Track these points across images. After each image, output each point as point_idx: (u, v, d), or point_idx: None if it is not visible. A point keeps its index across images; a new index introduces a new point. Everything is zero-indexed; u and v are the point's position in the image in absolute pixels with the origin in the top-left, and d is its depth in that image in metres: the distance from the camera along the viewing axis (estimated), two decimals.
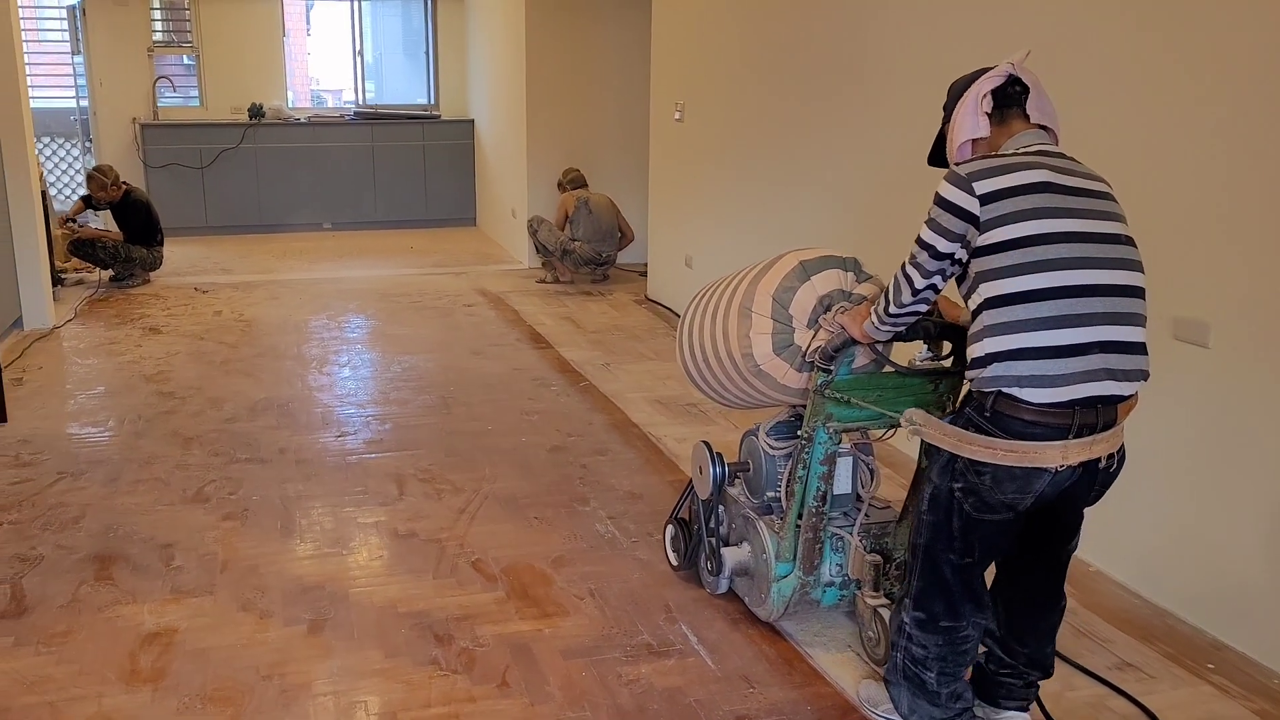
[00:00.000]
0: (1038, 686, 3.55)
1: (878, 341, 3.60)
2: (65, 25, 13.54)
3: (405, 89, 15.39)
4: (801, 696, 3.80)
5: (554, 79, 11.51)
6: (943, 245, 3.05)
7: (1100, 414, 2.97)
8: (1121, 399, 3.01)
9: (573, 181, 11.13)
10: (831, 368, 3.71)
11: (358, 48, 14.90)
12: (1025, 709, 3.54)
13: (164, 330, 8.89)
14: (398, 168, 14.42)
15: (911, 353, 3.91)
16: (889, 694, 3.55)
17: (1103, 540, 4.60)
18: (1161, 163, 4.31)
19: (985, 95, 3.18)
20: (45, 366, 7.84)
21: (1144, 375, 3.03)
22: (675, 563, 4.72)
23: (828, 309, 3.85)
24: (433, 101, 15.13)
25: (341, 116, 14.65)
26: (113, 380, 7.49)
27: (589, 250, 10.71)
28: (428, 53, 15.00)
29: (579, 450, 6.17)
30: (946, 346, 3.83)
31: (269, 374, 7.65)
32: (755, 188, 7.81)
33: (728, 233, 8.28)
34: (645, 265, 10.58)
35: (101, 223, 11.66)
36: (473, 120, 14.55)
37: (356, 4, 14.71)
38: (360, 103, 15.04)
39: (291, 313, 9.59)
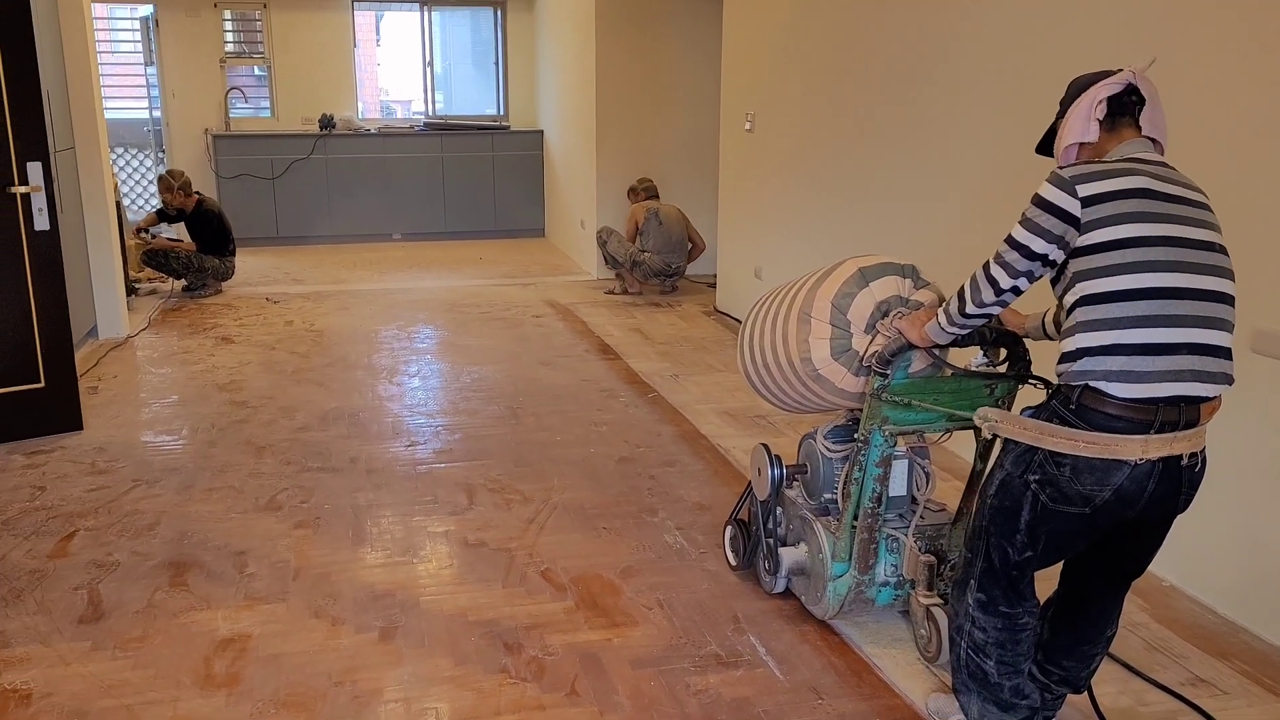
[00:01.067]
0: (1063, 701, 3.59)
1: (935, 346, 3.64)
2: (138, 36, 13.72)
3: (474, 100, 15.45)
4: (870, 708, 3.78)
5: (624, 90, 11.51)
6: (1038, 246, 3.08)
7: (1183, 413, 3.00)
8: (1205, 400, 3.03)
9: (645, 191, 11.10)
10: (888, 372, 3.77)
11: (427, 59, 14.98)
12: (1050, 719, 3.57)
13: (236, 340, 8.97)
14: (467, 178, 14.48)
15: (967, 359, 3.96)
16: (959, 703, 3.58)
17: (1178, 555, 4.53)
18: (1248, 172, 4.24)
19: (1101, 102, 3.20)
20: (120, 375, 7.93)
21: (1229, 379, 3.05)
22: (734, 563, 4.80)
23: (885, 314, 3.93)
24: (502, 112, 15.19)
25: (411, 127, 14.73)
26: (186, 389, 7.57)
27: (659, 262, 10.69)
28: (497, 64, 15.07)
29: (647, 461, 6.16)
30: (1003, 353, 3.88)
31: (340, 384, 7.70)
32: (826, 199, 7.77)
33: (798, 244, 8.24)
34: (714, 277, 10.55)
35: (174, 234, 11.78)
36: (542, 131, 14.58)
37: (426, 15, 14.79)
38: (430, 113, 15.12)
39: (362, 323, 9.64)
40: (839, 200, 7.57)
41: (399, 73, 15.82)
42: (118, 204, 9.66)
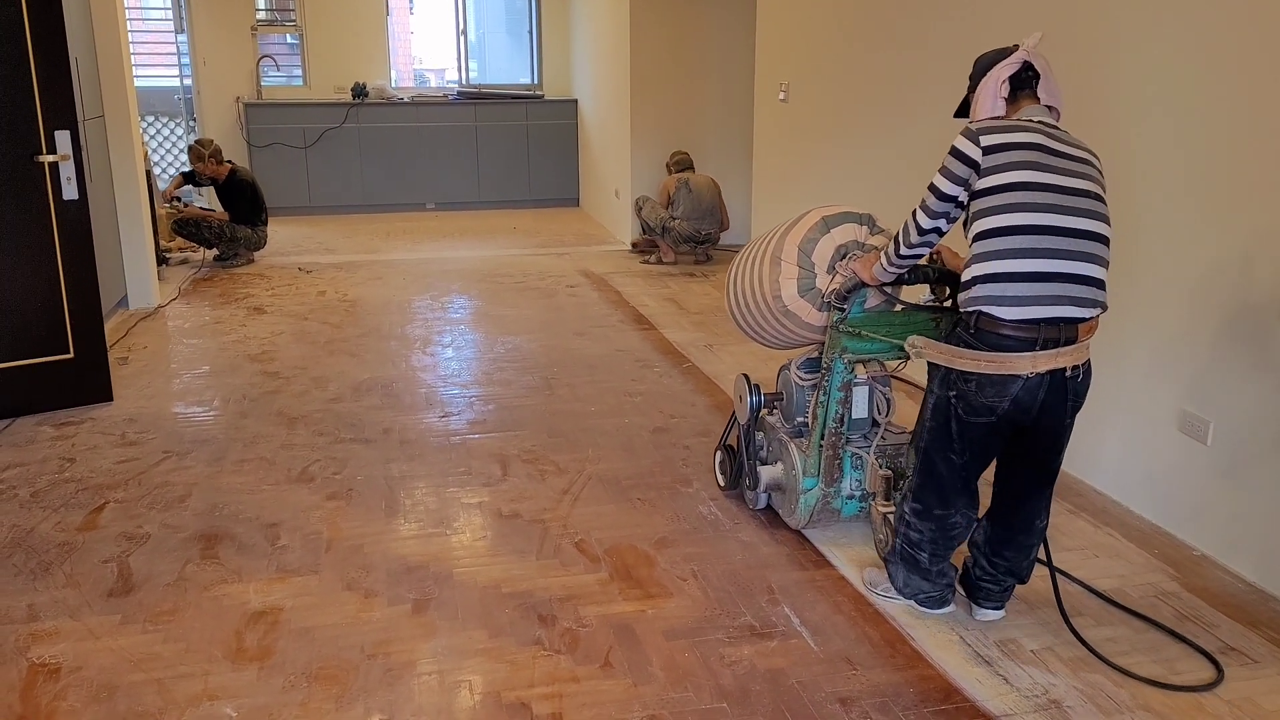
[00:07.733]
0: (1012, 590, 4.16)
1: (885, 284, 4.30)
2: (169, 3, 13.63)
3: (508, 69, 15.37)
4: (904, 679, 3.79)
5: (658, 58, 11.42)
6: (946, 188, 3.69)
7: (1062, 331, 3.58)
8: (1081, 320, 3.60)
9: (678, 164, 11.09)
10: (845, 307, 4.40)
11: (461, 27, 14.91)
12: (1000, 608, 4.15)
13: (268, 310, 8.96)
14: (501, 148, 14.41)
15: (918, 296, 4.58)
16: (888, 572, 4.25)
17: (1209, 525, 4.69)
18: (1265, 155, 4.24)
19: (1004, 82, 3.78)
20: (150, 346, 7.91)
21: (1100, 305, 3.63)
22: (722, 483, 5.32)
23: (844, 257, 4.51)
24: (536, 81, 15.11)
25: (445, 96, 14.65)
26: (217, 360, 7.54)
27: (688, 228, 10.66)
28: (531, 32, 14.98)
29: (681, 432, 6.12)
30: (947, 290, 4.46)
31: (373, 354, 7.67)
32: (860, 168, 7.68)
33: None
34: None
35: (205, 202, 11.75)
36: (576, 100, 14.50)
37: None
38: (463, 82, 15.06)
39: (395, 293, 9.61)
40: (874, 171, 7.47)
41: (433, 41, 15.71)
42: (148, 173, 9.63)
